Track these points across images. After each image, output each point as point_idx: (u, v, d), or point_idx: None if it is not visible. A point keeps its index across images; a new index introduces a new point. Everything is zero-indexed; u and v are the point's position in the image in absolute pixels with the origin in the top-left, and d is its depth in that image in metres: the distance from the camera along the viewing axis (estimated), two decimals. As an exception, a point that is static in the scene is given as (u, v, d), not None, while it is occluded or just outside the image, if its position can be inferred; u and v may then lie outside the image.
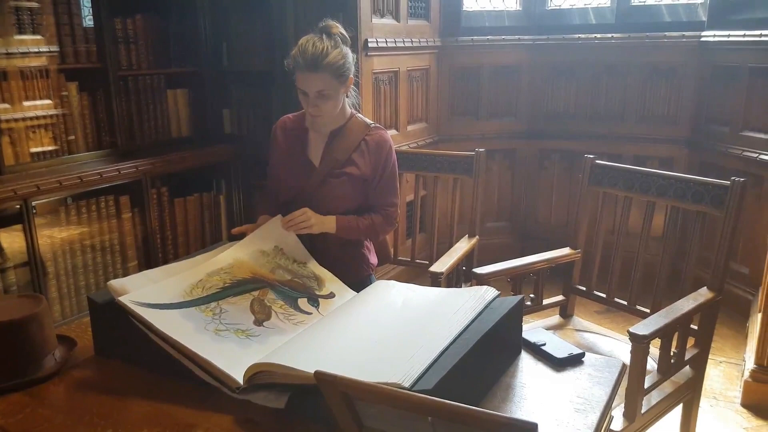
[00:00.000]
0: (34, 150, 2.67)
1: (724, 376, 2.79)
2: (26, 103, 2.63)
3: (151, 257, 3.01)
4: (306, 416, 1.21)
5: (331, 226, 1.85)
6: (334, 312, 1.53)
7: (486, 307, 1.41)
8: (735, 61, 3.30)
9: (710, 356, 2.00)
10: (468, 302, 1.42)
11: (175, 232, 3.15)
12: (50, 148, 2.73)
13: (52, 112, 2.72)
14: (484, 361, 1.31)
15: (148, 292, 1.41)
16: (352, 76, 1.82)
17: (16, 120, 2.60)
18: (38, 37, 2.65)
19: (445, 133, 3.88)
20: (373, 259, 2.04)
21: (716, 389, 2.69)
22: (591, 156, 2.26)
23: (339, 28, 1.80)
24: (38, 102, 2.68)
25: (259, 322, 1.45)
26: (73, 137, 2.80)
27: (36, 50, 2.64)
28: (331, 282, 1.68)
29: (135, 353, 1.41)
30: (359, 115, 1.95)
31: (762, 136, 3.16)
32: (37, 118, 2.68)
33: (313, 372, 1.00)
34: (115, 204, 2.86)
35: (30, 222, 2.51)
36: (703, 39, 3.43)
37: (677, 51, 3.53)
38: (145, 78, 3.06)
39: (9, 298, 1.51)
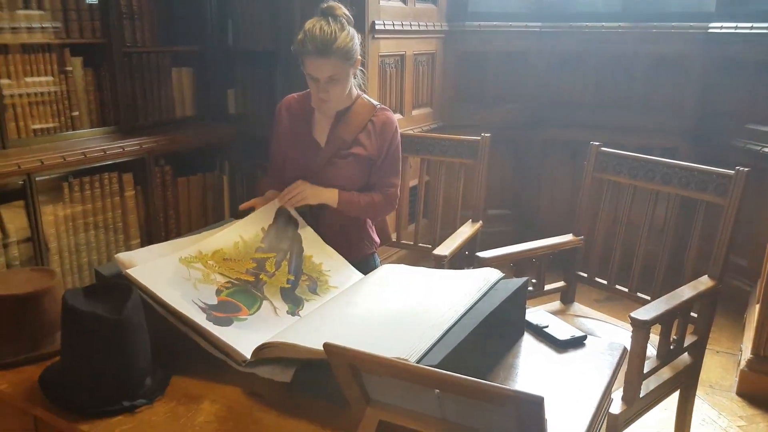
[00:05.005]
0: (37, 126, 2.66)
1: (720, 366, 2.82)
2: (29, 79, 2.62)
3: (153, 236, 3.01)
4: (311, 391, 1.22)
5: (333, 198, 1.85)
6: (341, 293, 1.54)
7: (491, 288, 1.42)
8: (742, 53, 3.29)
9: (707, 346, 2.01)
10: (473, 283, 1.43)
11: (178, 212, 3.15)
12: (53, 124, 2.72)
13: (56, 88, 2.71)
14: (488, 340, 1.32)
15: (156, 267, 1.42)
16: (359, 57, 1.82)
17: (20, 95, 2.59)
18: (43, 12, 2.63)
19: (449, 119, 3.87)
20: (376, 238, 2.05)
21: (712, 378, 2.71)
22: (597, 143, 2.26)
23: (342, 9, 1.80)
24: (42, 78, 2.66)
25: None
26: (77, 113, 2.79)
27: (40, 26, 2.63)
28: (336, 261, 1.68)
29: (141, 326, 1.42)
30: (365, 96, 1.95)
31: (766, 129, 3.16)
32: (41, 94, 2.66)
33: (319, 348, 1.02)
34: (118, 181, 2.85)
35: (33, 197, 2.51)
36: (710, 30, 3.42)
37: (684, 41, 3.51)
38: (149, 55, 3.04)
39: (21, 271, 1.50)
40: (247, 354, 1.29)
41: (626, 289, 2.19)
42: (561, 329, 1.47)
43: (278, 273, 1.55)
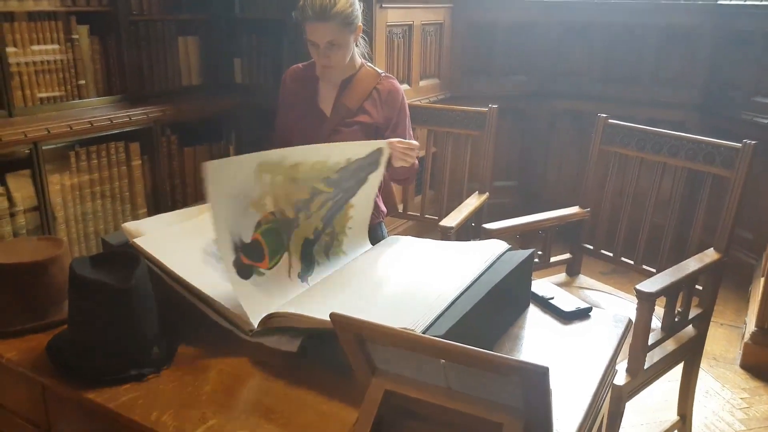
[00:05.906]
0: (43, 95, 2.65)
1: (724, 339, 2.83)
2: (35, 47, 2.60)
3: (160, 205, 3.02)
4: (318, 361, 1.24)
5: None
6: (348, 264, 1.54)
7: (497, 259, 1.42)
8: (751, 26, 3.24)
9: (712, 319, 2.02)
10: (479, 255, 1.43)
11: (185, 182, 3.15)
12: (59, 92, 2.71)
13: (62, 56, 2.69)
14: (494, 311, 1.33)
15: (164, 236, 1.42)
16: (360, 23, 1.81)
17: (26, 64, 2.58)
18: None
19: (456, 90, 3.84)
20: (383, 207, 2.05)
21: (716, 351, 2.73)
22: (604, 115, 2.24)
23: None
24: (48, 46, 2.64)
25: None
26: (83, 82, 2.78)
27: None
28: (360, 225, 1.64)
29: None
30: (369, 64, 1.94)
31: (775, 101, 3.13)
32: (48, 62, 2.65)
33: (325, 318, 1.02)
34: (125, 151, 2.85)
35: (40, 166, 2.51)
36: (720, 2, 3.37)
37: (694, 13, 3.47)
38: (155, 23, 3.01)
39: (29, 240, 1.51)
40: (254, 321, 1.30)
41: (632, 262, 2.19)
42: (566, 301, 1.47)
43: (314, 216, 1.49)
